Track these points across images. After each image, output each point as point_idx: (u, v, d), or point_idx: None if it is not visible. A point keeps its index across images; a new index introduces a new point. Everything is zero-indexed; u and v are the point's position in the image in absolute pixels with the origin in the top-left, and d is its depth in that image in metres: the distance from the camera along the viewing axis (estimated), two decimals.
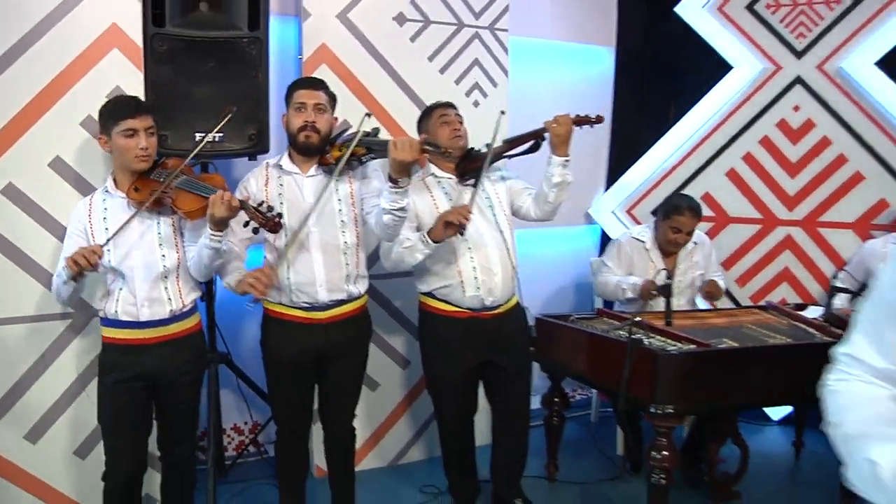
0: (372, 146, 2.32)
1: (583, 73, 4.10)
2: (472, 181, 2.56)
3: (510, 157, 2.68)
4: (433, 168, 2.65)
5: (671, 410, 2.35)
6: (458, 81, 3.24)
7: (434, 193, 2.60)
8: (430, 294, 2.61)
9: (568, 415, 3.24)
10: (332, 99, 2.43)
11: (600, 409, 3.85)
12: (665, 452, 2.42)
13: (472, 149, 2.62)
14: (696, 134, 3.90)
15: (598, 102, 3.97)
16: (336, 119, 2.46)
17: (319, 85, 2.40)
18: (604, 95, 4.12)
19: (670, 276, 3.04)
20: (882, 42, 3.55)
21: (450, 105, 2.68)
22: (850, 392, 0.95)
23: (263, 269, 2.24)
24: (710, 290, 3.17)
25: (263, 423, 3.19)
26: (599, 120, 2.57)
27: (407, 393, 3.29)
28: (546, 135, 2.55)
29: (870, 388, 0.94)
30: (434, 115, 2.65)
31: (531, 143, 2.62)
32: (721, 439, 2.83)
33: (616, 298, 3.19)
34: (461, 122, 2.64)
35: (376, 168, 2.47)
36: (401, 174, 2.17)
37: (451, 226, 2.34)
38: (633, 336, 2.39)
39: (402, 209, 2.23)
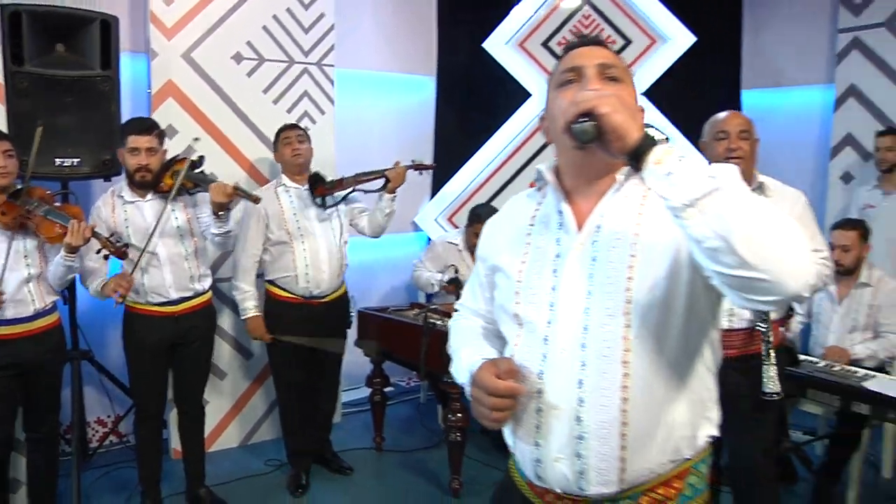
0: (198, 181, 3.06)
1: (408, 99, 5.09)
2: (321, 202, 3.48)
3: (363, 190, 3.56)
4: (284, 179, 3.51)
5: None
6: (289, 111, 4.08)
7: (282, 200, 3.45)
8: (272, 282, 3.49)
9: (401, 398, 4.11)
10: (162, 135, 3.16)
11: (428, 392, 4.78)
12: (459, 414, 3.34)
13: (319, 175, 3.49)
14: (503, 151, 4.97)
15: (422, 125, 5.00)
16: (166, 150, 3.17)
17: (150, 129, 3.02)
18: (427, 119, 5.12)
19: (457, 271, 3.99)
20: (647, 76, 4.80)
21: (294, 127, 3.58)
22: (459, 325, 1.53)
23: (124, 275, 2.95)
24: None
25: (124, 414, 3.81)
26: (432, 167, 3.56)
27: (252, 381, 4.06)
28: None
29: (469, 321, 1.52)
30: (281, 136, 3.52)
31: (380, 180, 3.51)
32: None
33: (427, 290, 4.11)
34: (301, 142, 3.51)
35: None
36: (220, 209, 2.94)
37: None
38: (427, 320, 3.29)
39: (227, 233, 3.04)
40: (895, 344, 3.44)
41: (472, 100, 5.10)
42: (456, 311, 1.58)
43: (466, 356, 1.35)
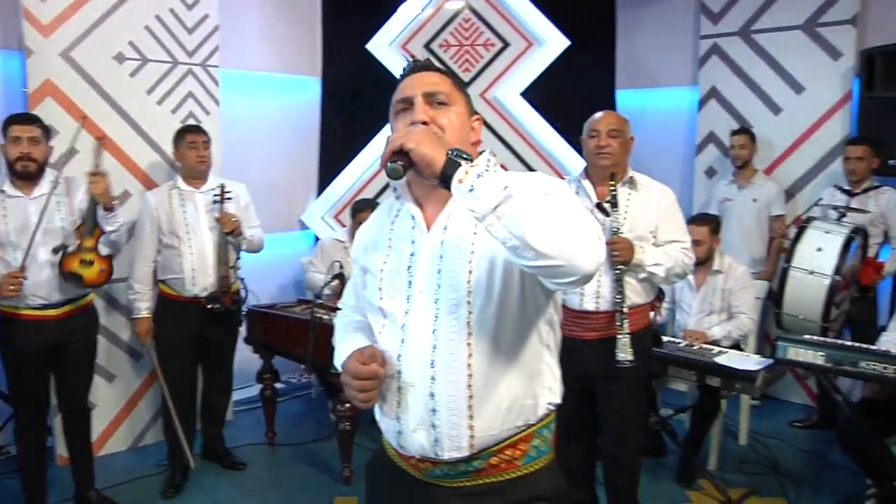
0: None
1: (293, 100, 5.36)
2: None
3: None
4: (180, 182, 3.71)
5: None
6: (174, 111, 4.26)
7: (173, 203, 3.67)
8: (164, 282, 3.73)
9: (293, 394, 4.34)
10: (47, 131, 3.27)
11: (318, 387, 5.03)
12: (347, 404, 3.61)
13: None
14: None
15: (307, 125, 5.32)
16: (52, 147, 3.30)
17: (33, 119, 3.14)
18: (312, 118, 5.43)
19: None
20: (524, 77, 5.23)
21: (199, 131, 3.75)
22: (341, 321, 1.74)
23: (13, 274, 3.03)
24: None
25: (3, 423, 3.83)
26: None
27: (141, 383, 4.21)
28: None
29: (349, 317, 1.72)
30: (186, 138, 3.70)
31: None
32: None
33: (317, 292, 4.36)
34: (207, 148, 3.73)
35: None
36: (105, 205, 3.16)
37: None
38: (314, 315, 3.56)
39: (119, 228, 3.26)
40: (745, 323, 4.00)
41: (357, 101, 5.41)
42: (339, 308, 1.79)
43: (344, 348, 1.57)
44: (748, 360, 3.57)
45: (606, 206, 2.76)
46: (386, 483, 1.61)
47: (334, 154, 5.39)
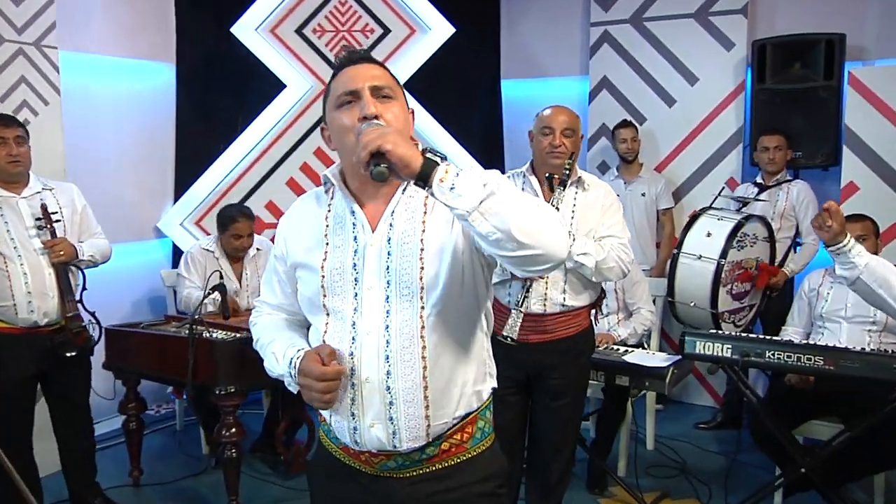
0: None
1: (143, 87, 5.26)
2: None
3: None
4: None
5: (233, 390, 3.55)
6: (2, 100, 4.10)
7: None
8: None
9: (155, 426, 4.25)
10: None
11: (185, 417, 4.95)
12: (233, 429, 3.62)
13: None
14: (256, 147, 5.34)
15: (160, 115, 5.23)
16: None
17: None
18: (166, 109, 5.34)
19: (239, 278, 4.29)
20: (407, 67, 5.41)
21: (9, 122, 3.42)
22: (263, 321, 1.85)
23: None
24: None
25: None
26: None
27: None
28: None
29: (270, 316, 1.85)
30: None
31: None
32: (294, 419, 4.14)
33: (201, 310, 4.26)
34: (20, 144, 3.39)
35: None
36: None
37: None
38: (193, 332, 3.55)
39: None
40: (647, 317, 4.33)
41: (219, 91, 5.42)
42: (254, 307, 1.92)
43: (280, 348, 1.70)
44: (655, 358, 3.85)
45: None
46: (335, 483, 1.73)
47: (193, 151, 5.35)
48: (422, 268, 1.57)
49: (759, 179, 4.86)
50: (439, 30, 5.38)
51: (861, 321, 3.75)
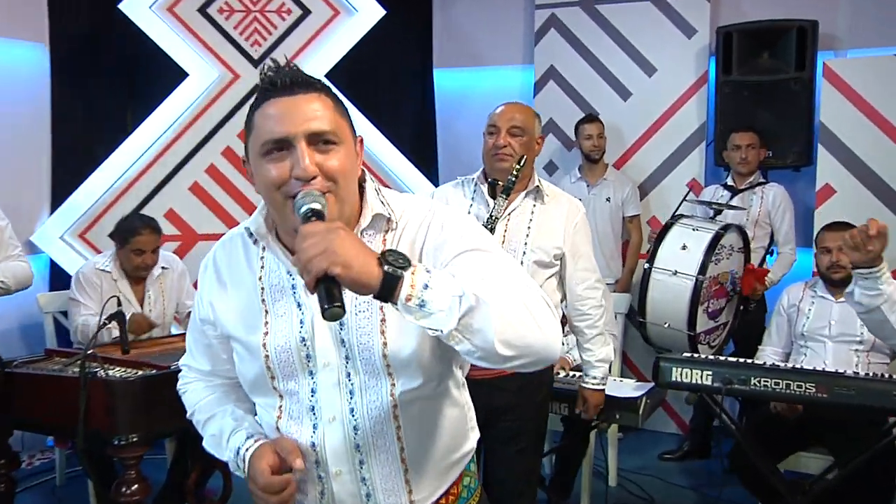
0: None
1: (9, 72, 4.83)
2: None
3: None
4: None
5: (135, 439, 3.24)
6: None
7: None
8: None
9: (28, 482, 3.88)
10: None
11: (66, 470, 4.58)
12: (135, 486, 3.30)
13: None
14: (153, 146, 4.99)
15: (32, 107, 4.84)
16: None
17: None
18: (39, 99, 4.94)
19: (141, 302, 3.97)
20: (330, 54, 5.16)
21: None
22: (194, 389, 1.76)
23: None
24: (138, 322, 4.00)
25: None
26: None
27: None
28: None
29: (203, 383, 1.75)
30: None
31: None
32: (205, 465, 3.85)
33: (101, 340, 3.93)
34: None
35: None
36: None
37: None
38: (86, 369, 3.22)
39: None
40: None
41: (104, 79, 5.07)
42: (180, 370, 1.81)
43: (222, 430, 1.63)
44: (624, 386, 3.74)
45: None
46: None
47: (74, 150, 4.98)
48: (384, 342, 1.46)
49: (729, 182, 4.79)
50: (367, 12, 5.17)
51: (847, 340, 3.73)
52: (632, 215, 5.13)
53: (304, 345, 1.48)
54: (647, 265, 4.10)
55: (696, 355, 3.70)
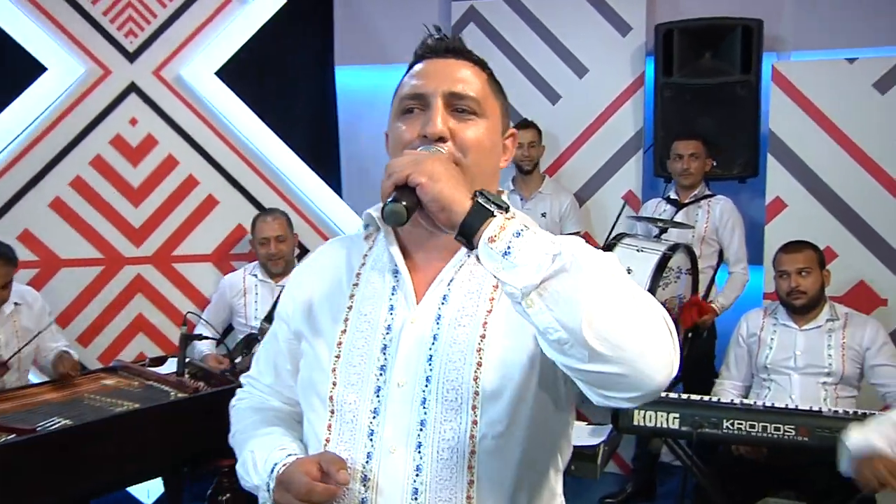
0: None
1: None
2: None
3: None
4: None
5: None
6: None
7: None
8: None
9: None
10: None
11: None
12: None
13: None
14: (2, 154, 4.41)
15: None
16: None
17: None
18: None
19: None
20: (222, 50, 4.72)
21: None
22: (245, 406, 1.64)
23: None
24: (63, 365, 3.60)
25: None
26: None
27: None
28: None
29: (258, 399, 1.64)
30: None
31: None
32: None
33: None
34: None
35: None
36: None
37: None
38: None
39: None
40: None
41: None
42: (241, 386, 1.70)
43: (263, 449, 1.45)
44: (578, 431, 3.46)
45: None
46: None
47: None
48: (479, 363, 1.32)
49: (672, 195, 4.59)
50: (264, 1, 4.79)
51: (814, 372, 3.64)
52: (571, 232, 4.86)
53: (384, 353, 1.38)
54: None
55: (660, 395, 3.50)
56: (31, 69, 4.43)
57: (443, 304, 1.38)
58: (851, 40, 4.65)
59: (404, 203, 1.16)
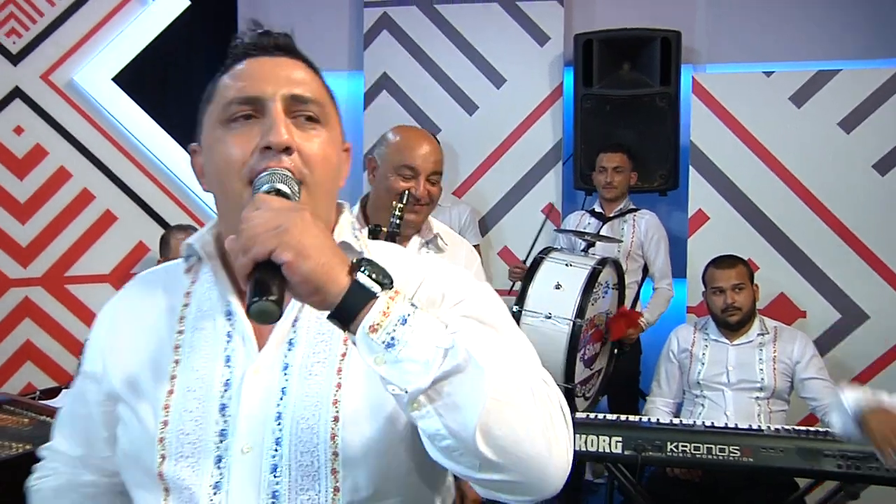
0: None
1: None
2: None
3: None
4: None
5: None
6: None
7: None
8: None
9: None
10: None
11: None
12: None
13: None
14: None
15: None
16: None
17: None
18: None
19: None
20: (120, 52, 4.40)
21: None
22: (52, 487, 1.37)
23: None
24: None
25: None
26: None
27: None
28: None
29: (64, 479, 1.36)
30: None
31: None
32: None
33: None
34: None
35: None
36: None
37: None
38: None
39: None
40: None
41: None
42: (40, 458, 1.41)
43: None
44: None
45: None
46: None
47: None
48: (335, 418, 1.13)
49: (597, 208, 4.40)
50: (165, 2, 4.50)
51: (746, 387, 3.54)
52: (474, 245, 4.66)
53: (223, 415, 1.15)
54: (515, 307, 3.67)
55: (598, 416, 3.40)
56: None
57: (289, 349, 1.17)
58: (766, 54, 4.62)
59: (273, 298, 0.95)
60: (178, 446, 1.17)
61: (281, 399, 1.15)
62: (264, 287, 0.96)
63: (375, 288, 0.97)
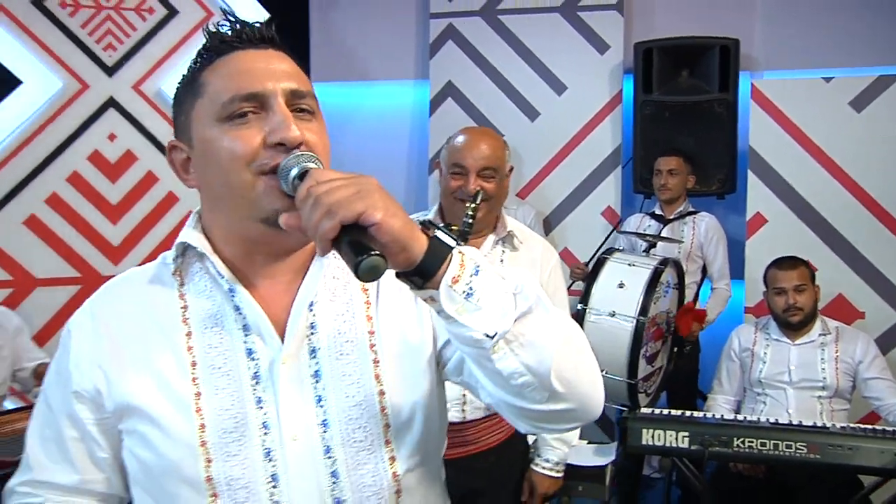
0: None
1: None
2: None
3: None
4: None
5: None
6: None
7: None
8: None
9: None
10: None
11: None
12: None
13: None
14: None
15: None
16: None
17: None
18: None
19: None
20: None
21: None
22: None
23: None
24: None
25: None
26: None
27: None
28: None
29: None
30: None
31: None
32: None
33: None
34: None
35: None
36: None
37: None
38: None
39: None
40: None
41: None
42: (16, 495, 1.23)
43: None
44: (582, 451, 3.32)
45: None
46: None
47: None
48: (381, 391, 1.15)
49: (657, 211, 4.43)
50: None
51: (809, 386, 3.53)
52: None
53: (261, 406, 1.12)
54: (580, 305, 3.68)
55: (663, 412, 3.41)
56: (5, 82, 4.16)
57: (312, 333, 1.16)
58: (825, 60, 4.56)
59: (376, 252, 0.93)
60: (222, 446, 1.13)
61: (317, 382, 1.14)
62: (361, 245, 0.94)
63: (452, 242, 0.99)
